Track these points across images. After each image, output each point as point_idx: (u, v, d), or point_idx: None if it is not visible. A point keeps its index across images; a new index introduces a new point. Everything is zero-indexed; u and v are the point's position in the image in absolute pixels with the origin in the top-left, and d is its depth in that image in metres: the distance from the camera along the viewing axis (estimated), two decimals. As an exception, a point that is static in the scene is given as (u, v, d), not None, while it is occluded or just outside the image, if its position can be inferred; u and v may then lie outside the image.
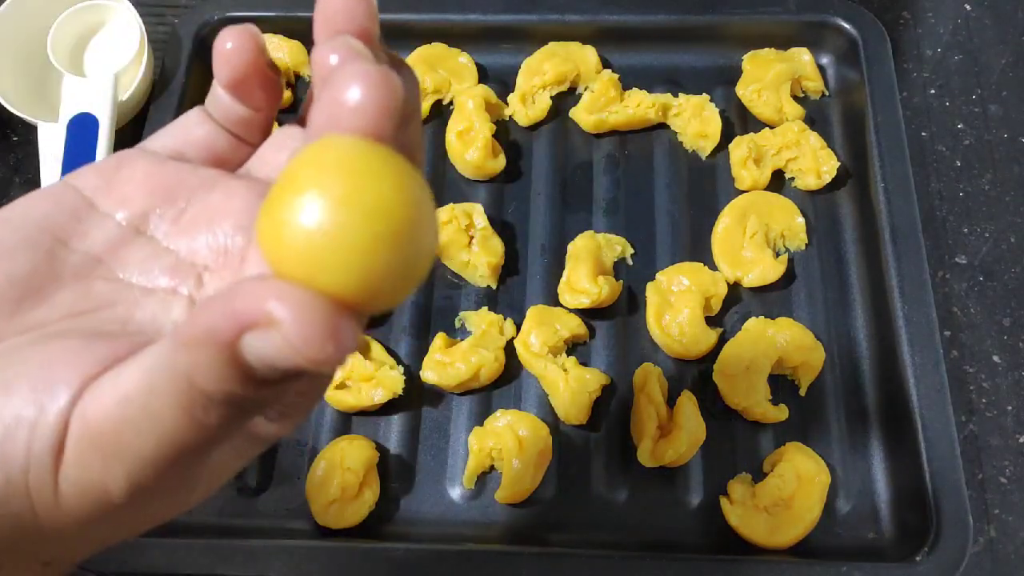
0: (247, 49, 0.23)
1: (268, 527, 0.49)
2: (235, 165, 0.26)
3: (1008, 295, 0.55)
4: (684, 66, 0.63)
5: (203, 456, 0.19)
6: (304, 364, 0.16)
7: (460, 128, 0.58)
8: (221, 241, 0.23)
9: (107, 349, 0.19)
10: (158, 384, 0.18)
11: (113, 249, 0.23)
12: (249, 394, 0.18)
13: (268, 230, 0.17)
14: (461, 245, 0.55)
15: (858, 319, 0.54)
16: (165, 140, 0.26)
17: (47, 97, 0.61)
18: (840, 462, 0.50)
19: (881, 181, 0.55)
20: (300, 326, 0.16)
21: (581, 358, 0.53)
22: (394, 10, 0.63)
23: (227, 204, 0.23)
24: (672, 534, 0.48)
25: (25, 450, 0.18)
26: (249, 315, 0.16)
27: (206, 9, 0.63)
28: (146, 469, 0.18)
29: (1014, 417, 0.52)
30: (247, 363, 0.17)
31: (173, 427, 0.18)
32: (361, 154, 0.17)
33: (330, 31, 0.21)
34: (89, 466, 0.18)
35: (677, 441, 0.48)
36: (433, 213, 0.18)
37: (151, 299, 0.22)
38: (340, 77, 0.18)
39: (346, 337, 0.16)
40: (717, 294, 0.53)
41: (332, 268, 0.17)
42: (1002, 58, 0.63)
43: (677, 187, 0.59)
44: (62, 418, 0.18)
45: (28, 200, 0.23)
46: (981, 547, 0.48)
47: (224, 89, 0.24)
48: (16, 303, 0.21)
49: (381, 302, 0.18)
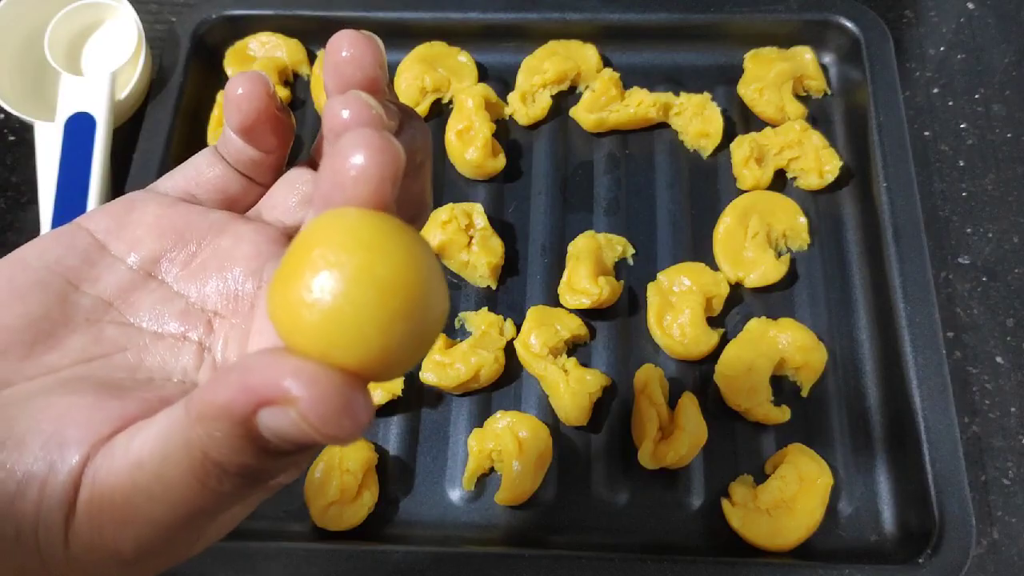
0: (257, 95, 0.23)
1: (267, 529, 0.49)
2: (246, 205, 0.26)
3: (1011, 296, 0.55)
4: (685, 65, 0.63)
5: (214, 518, 0.20)
6: (319, 439, 0.17)
7: (460, 127, 0.58)
8: (231, 287, 0.24)
9: (118, 407, 0.20)
10: (172, 453, 0.18)
11: (124, 293, 0.23)
12: (264, 466, 0.18)
13: (280, 306, 0.17)
14: (461, 245, 0.54)
15: (860, 320, 0.54)
16: (176, 181, 0.26)
17: (44, 96, 0.60)
18: (842, 464, 0.50)
19: (884, 181, 0.55)
20: (316, 403, 0.16)
21: (582, 359, 0.52)
22: (394, 8, 0.62)
23: (237, 249, 0.24)
24: (673, 536, 0.48)
25: (35, 508, 0.18)
26: (265, 391, 0.17)
27: (204, 8, 0.62)
28: (157, 532, 0.18)
29: (1017, 418, 0.51)
30: (262, 437, 0.17)
31: (186, 495, 0.18)
32: (370, 228, 0.18)
33: (340, 81, 0.22)
34: (100, 527, 0.18)
35: (678, 443, 0.47)
36: (442, 280, 0.18)
37: (161, 344, 0.23)
38: (345, 144, 0.18)
39: (360, 411, 0.17)
40: (719, 295, 0.53)
41: (347, 345, 0.17)
42: (1005, 57, 0.62)
43: (678, 187, 0.58)
44: (73, 479, 0.18)
45: (41, 242, 0.23)
46: (984, 549, 0.48)
47: (235, 133, 0.24)
48: (29, 346, 0.21)
49: (395, 372, 0.18)
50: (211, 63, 0.63)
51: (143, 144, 0.58)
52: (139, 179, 0.56)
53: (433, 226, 0.54)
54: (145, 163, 0.57)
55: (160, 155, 0.57)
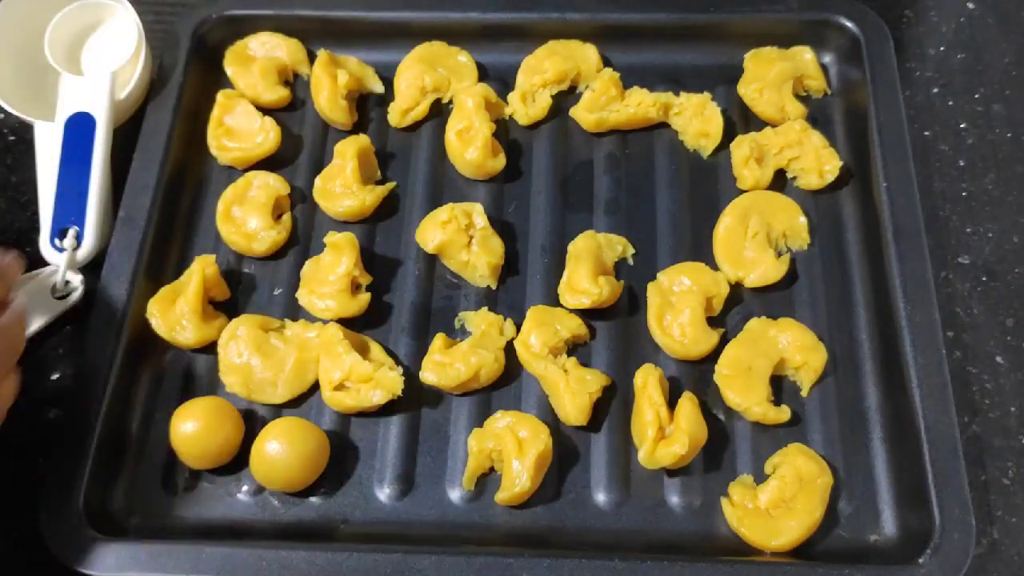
0: None
1: (265, 529, 0.49)
2: None
3: (1011, 295, 0.55)
4: (685, 65, 0.63)
5: None
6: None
7: (460, 127, 0.58)
8: None
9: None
10: None
11: None
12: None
13: None
14: (461, 245, 0.54)
15: (860, 320, 0.54)
16: None
17: (44, 96, 0.60)
18: (843, 464, 0.50)
19: (884, 181, 0.55)
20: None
21: (581, 359, 0.52)
22: (394, 8, 0.63)
23: None
24: (673, 536, 0.48)
25: None
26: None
27: (205, 7, 0.62)
28: None
29: (1017, 418, 0.51)
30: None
31: None
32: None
33: None
34: None
35: (678, 443, 0.47)
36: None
37: None
38: None
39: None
40: (719, 294, 0.53)
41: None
42: (1005, 57, 0.63)
43: (678, 187, 0.58)
44: None
45: None
46: (984, 549, 0.48)
47: None
48: None
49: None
50: (211, 63, 0.63)
51: (143, 144, 0.58)
52: (139, 179, 0.56)
53: (433, 226, 0.55)
54: (145, 163, 0.57)
55: (160, 155, 0.57)
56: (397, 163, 0.60)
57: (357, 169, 0.57)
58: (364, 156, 0.58)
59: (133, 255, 0.54)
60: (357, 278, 0.54)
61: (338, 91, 0.60)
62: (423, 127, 0.61)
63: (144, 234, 0.55)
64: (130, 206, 0.56)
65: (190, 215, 0.59)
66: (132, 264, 0.54)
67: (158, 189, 0.56)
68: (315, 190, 0.58)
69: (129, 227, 0.55)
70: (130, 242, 0.54)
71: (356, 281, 0.54)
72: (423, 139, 0.61)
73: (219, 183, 0.59)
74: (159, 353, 0.54)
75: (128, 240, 0.54)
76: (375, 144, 0.60)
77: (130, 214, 0.55)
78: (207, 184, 0.60)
